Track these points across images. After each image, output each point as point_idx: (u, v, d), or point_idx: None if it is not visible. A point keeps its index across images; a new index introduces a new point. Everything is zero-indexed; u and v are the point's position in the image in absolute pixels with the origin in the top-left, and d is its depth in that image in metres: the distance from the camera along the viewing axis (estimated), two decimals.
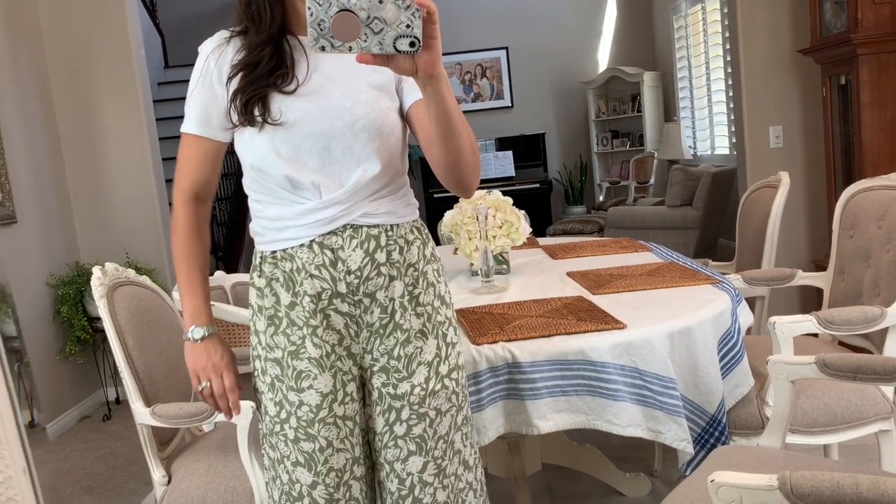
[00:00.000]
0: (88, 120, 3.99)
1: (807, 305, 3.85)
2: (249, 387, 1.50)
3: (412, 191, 1.44)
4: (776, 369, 1.61)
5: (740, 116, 4.05)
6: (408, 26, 1.00)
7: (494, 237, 2.31)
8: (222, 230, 5.77)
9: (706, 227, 5.58)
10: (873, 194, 2.22)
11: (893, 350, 1.94)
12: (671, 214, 5.68)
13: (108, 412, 3.88)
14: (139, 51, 4.03)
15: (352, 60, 1.05)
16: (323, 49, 1.00)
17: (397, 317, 1.35)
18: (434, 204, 7.19)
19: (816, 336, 2.26)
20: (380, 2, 0.98)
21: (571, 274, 2.32)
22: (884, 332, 1.96)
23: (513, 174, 7.31)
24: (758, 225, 2.65)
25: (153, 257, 4.04)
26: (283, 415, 1.36)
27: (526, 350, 1.68)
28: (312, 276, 1.32)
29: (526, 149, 7.64)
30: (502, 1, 7.76)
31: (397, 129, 1.35)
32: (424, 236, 1.42)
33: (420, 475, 1.37)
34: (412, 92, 1.34)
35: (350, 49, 1.01)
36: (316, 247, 1.32)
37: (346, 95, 1.31)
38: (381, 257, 1.34)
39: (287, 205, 1.33)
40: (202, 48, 1.38)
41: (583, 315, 1.84)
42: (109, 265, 1.95)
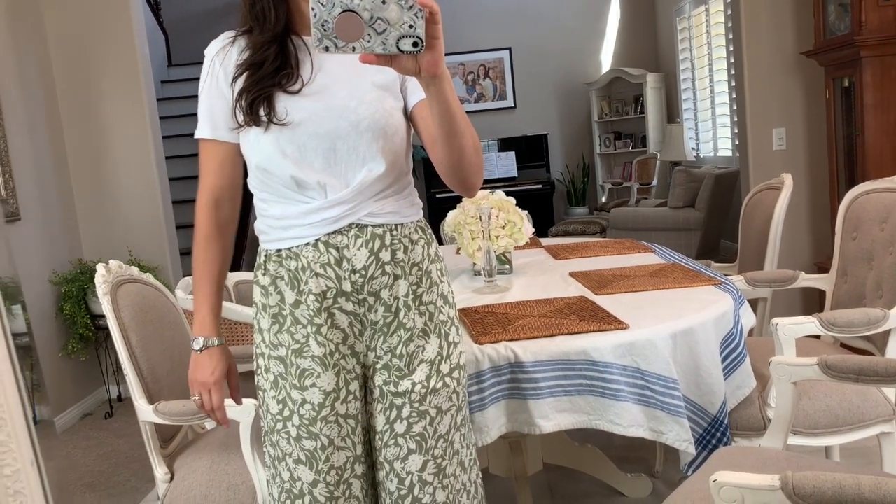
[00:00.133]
0: (92, 118, 4.00)
1: (809, 307, 3.85)
2: (250, 385, 1.50)
3: (416, 190, 1.44)
4: (778, 370, 1.61)
5: (743, 118, 4.05)
6: (410, 26, 1.01)
7: (497, 237, 2.31)
8: None
9: (708, 229, 5.58)
10: (876, 196, 2.22)
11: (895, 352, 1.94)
12: (673, 216, 5.68)
13: (110, 410, 3.89)
14: (143, 49, 4.04)
15: (356, 60, 1.05)
16: (327, 49, 1.01)
17: (401, 315, 1.36)
18: (437, 204, 7.19)
19: (818, 338, 2.26)
20: (383, 2, 0.99)
21: (574, 274, 2.33)
22: (886, 335, 1.96)
23: (515, 175, 7.31)
24: (760, 227, 2.65)
25: (156, 256, 4.05)
26: (286, 412, 1.36)
27: (528, 350, 1.68)
28: (317, 275, 1.33)
29: (528, 149, 7.64)
30: (506, 1, 7.76)
31: (402, 129, 1.36)
32: (428, 236, 1.43)
33: (420, 474, 1.37)
34: (416, 92, 1.34)
35: (353, 49, 1.01)
36: (321, 246, 1.32)
37: (351, 95, 1.31)
38: (386, 256, 1.34)
39: (292, 204, 1.33)
40: (207, 50, 1.38)
41: (585, 315, 1.84)
42: (113, 263, 1.96)
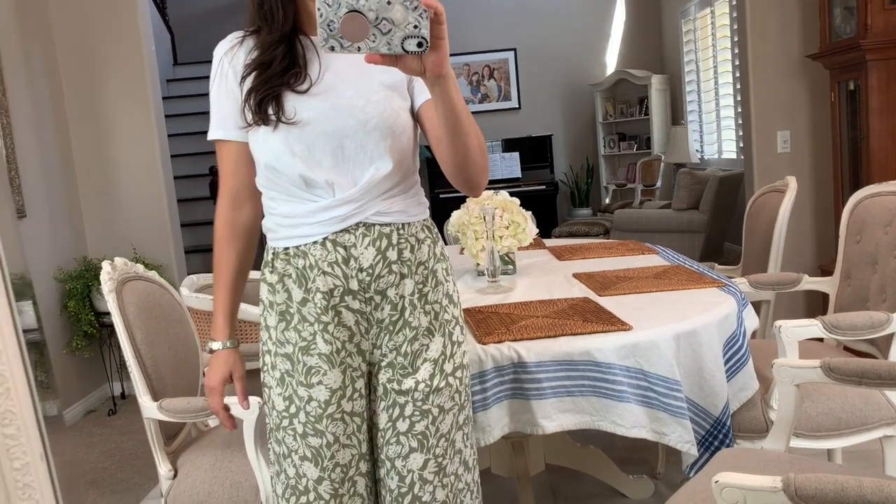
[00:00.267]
0: (98, 116, 4.01)
1: (812, 310, 3.85)
2: (257, 382, 1.51)
3: (423, 189, 1.45)
4: (781, 373, 1.61)
5: (748, 120, 4.05)
6: (415, 27, 1.01)
7: (501, 237, 2.32)
8: None
9: (712, 231, 5.58)
10: (881, 200, 2.22)
11: None
12: (677, 218, 5.67)
13: (114, 407, 3.90)
14: (149, 47, 4.05)
15: (364, 60, 1.06)
16: (332, 49, 1.02)
17: (406, 314, 1.36)
18: (441, 204, 7.19)
19: (822, 341, 2.27)
20: (388, 3, 1.00)
21: (578, 275, 2.33)
22: (889, 338, 1.96)
23: (519, 175, 7.31)
24: (764, 229, 2.65)
25: (161, 254, 4.06)
26: (293, 409, 1.36)
27: (532, 350, 1.69)
28: (325, 273, 1.34)
29: (533, 150, 7.64)
30: (511, 2, 7.77)
31: (409, 129, 1.37)
32: (434, 235, 1.43)
33: (420, 472, 1.38)
34: (423, 91, 1.35)
35: (359, 49, 1.02)
36: (329, 244, 1.33)
37: (359, 94, 1.32)
38: (393, 255, 1.35)
39: (300, 202, 1.34)
40: (216, 51, 1.39)
41: (589, 316, 1.85)
42: (119, 260, 1.97)
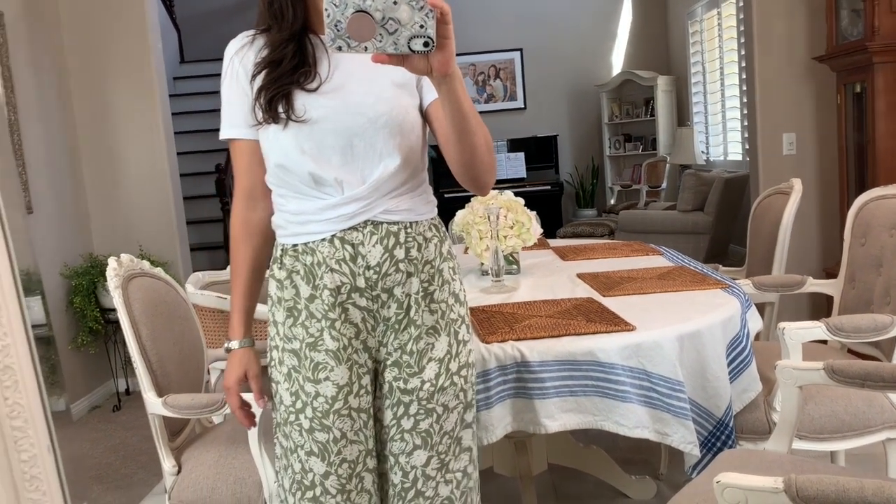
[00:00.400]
0: (105, 113, 4.03)
1: (817, 313, 3.84)
2: (264, 378, 1.52)
3: (430, 188, 1.46)
4: (784, 374, 1.61)
5: (754, 122, 4.05)
6: (421, 27, 1.02)
7: (505, 237, 2.32)
8: None
9: (717, 233, 5.57)
10: (886, 203, 2.22)
11: None
12: (682, 219, 5.67)
13: (119, 403, 3.91)
14: (156, 45, 4.06)
15: (371, 59, 1.07)
16: (340, 49, 1.03)
17: (412, 312, 1.37)
18: (446, 203, 7.19)
19: (825, 343, 2.26)
20: (394, 3, 1.01)
21: (582, 276, 2.33)
22: (893, 341, 1.96)
23: (524, 175, 7.30)
24: (769, 231, 2.65)
25: (166, 251, 4.08)
26: (299, 405, 1.37)
27: (535, 349, 1.69)
28: (332, 271, 1.34)
29: (538, 151, 7.64)
30: (517, 3, 7.76)
31: (418, 127, 1.37)
32: (442, 234, 1.44)
33: (423, 469, 1.39)
34: (431, 90, 1.36)
35: (366, 49, 1.03)
36: (337, 241, 1.34)
37: (369, 92, 1.33)
38: (400, 254, 1.35)
39: (309, 200, 1.35)
40: (227, 50, 1.40)
41: (592, 316, 1.85)
42: (125, 256, 1.98)
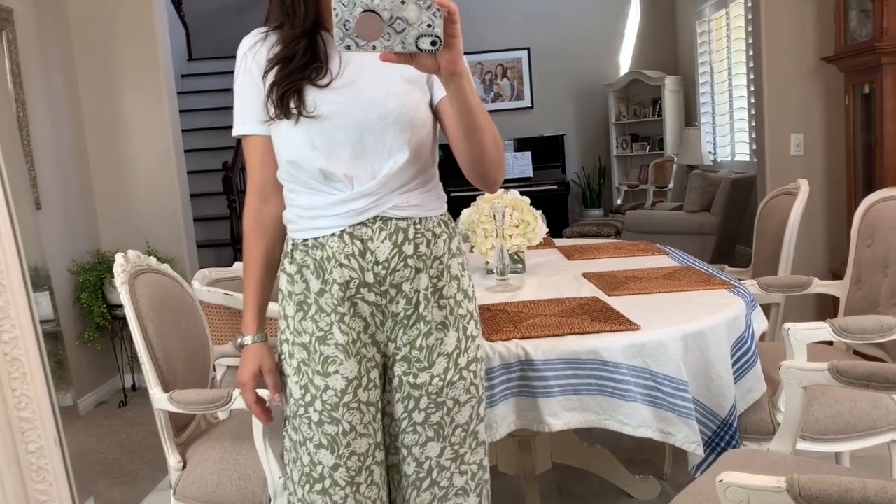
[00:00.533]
0: (112, 110, 4.05)
1: (823, 314, 3.83)
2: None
3: (441, 184, 1.46)
4: (789, 375, 1.61)
5: (761, 123, 4.04)
6: (429, 26, 1.03)
7: (511, 236, 2.33)
8: (241, 223, 5.82)
9: (724, 234, 5.56)
10: (893, 204, 2.21)
11: None
12: (689, 220, 5.66)
13: (125, 398, 3.93)
14: (164, 42, 4.08)
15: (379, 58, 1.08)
16: (348, 48, 1.04)
17: (421, 308, 1.38)
18: (451, 202, 7.11)
19: (831, 344, 2.26)
20: (402, 2, 1.01)
21: (587, 275, 2.33)
22: None
23: (531, 175, 7.30)
24: (775, 232, 2.64)
25: (173, 248, 4.09)
26: (308, 398, 1.39)
27: (539, 348, 1.69)
28: (342, 265, 1.36)
29: (545, 150, 7.63)
30: (525, 2, 7.76)
31: (428, 123, 1.38)
32: (451, 230, 1.45)
33: (437, 459, 1.40)
34: (441, 87, 1.36)
35: (374, 48, 1.04)
36: (346, 237, 1.35)
37: (379, 87, 1.34)
38: (409, 250, 1.36)
39: (320, 195, 1.36)
40: (240, 46, 1.41)
41: (597, 315, 1.85)
42: (132, 252, 1.99)
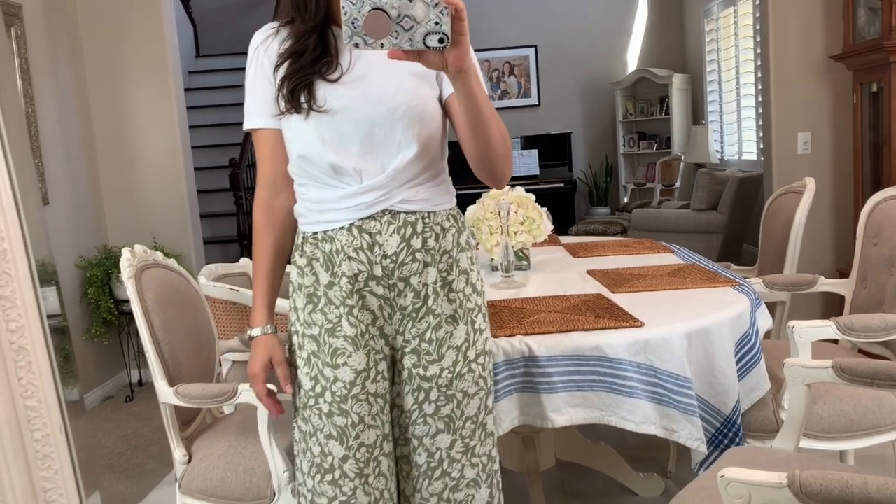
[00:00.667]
0: (120, 106, 4.06)
1: (829, 313, 3.80)
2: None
3: (450, 179, 1.47)
4: (792, 372, 1.61)
5: (768, 121, 4.03)
6: (437, 23, 1.04)
7: (516, 233, 2.33)
8: (248, 219, 5.84)
9: (731, 232, 5.55)
10: None
11: None
12: (696, 218, 5.65)
13: (131, 393, 3.95)
14: (172, 39, 4.09)
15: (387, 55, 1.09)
16: (357, 46, 1.05)
17: (430, 302, 1.40)
18: (459, 199, 7.18)
19: (836, 343, 2.26)
20: (409, 1, 1.02)
21: (592, 272, 2.34)
22: None
23: (537, 173, 7.29)
24: (781, 230, 2.64)
25: (180, 244, 4.11)
26: (318, 389, 1.40)
27: (543, 344, 1.70)
28: (350, 258, 1.37)
29: (552, 148, 7.62)
30: None
31: (437, 117, 1.39)
32: (460, 224, 1.46)
33: (448, 451, 1.42)
34: (449, 83, 1.37)
35: (382, 46, 1.05)
36: (355, 230, 1.37)
37: (388, 82, 1.35)
38: (417, 243, 1.38)
39: (329, 189, 1.38)
40: (252, 41, 1.43)
41: (601, 312, 1.85)
42: (138, 247, 1.99)
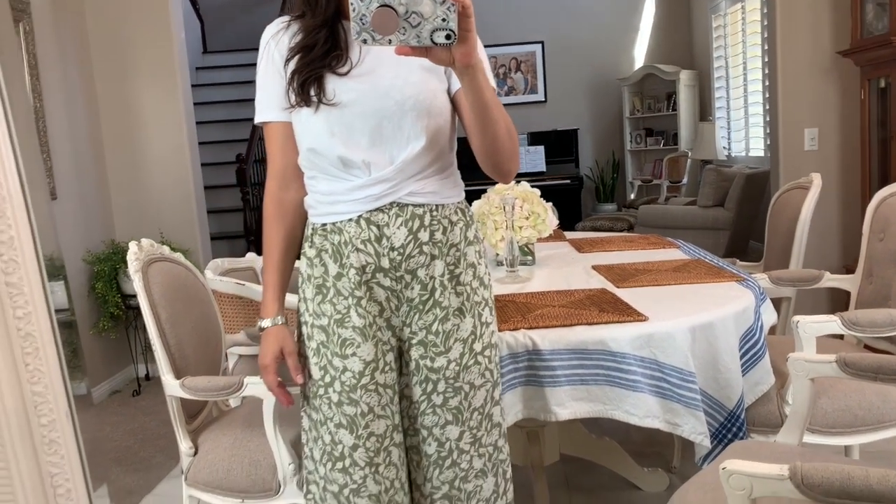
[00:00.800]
0: (128, 102, 4.08)
1: (835, 309, 3.79)
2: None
3: (459, 172, 1.48)
4: (796, 366, 1.61)
5: (775, 117, 4.01)
6: (443, 20, 1.06)
7: (521, 228, 2.33)
8: (255, 214, 5.86)
9: (737, 229, 5.53)
10: None
11: None
12: (702, 215, 5.63)
13: (138, 388, 3.97)
14: (179, 35, 4.10)
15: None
16: (365, 42, 1.07)
17: (437, 294, 1.41)
18: (465, 195, 7.18)
19: (842, 338, 2.25)
20: None
21: (597, 267, 2.34)
22: None
23: (544, 169, 7.28)
24: (787, 226, 2.63)
25: (187, 239, 4.13)
26: (328, 379, 1.42)
27: (547, 338, 1.70)
28: (358, 250, 1.39)
29: (558, 144, 7.61)
30: None
31: (446, 111, 1.40)
32: (468, 218, 1.47)
33: (457, 442, 1.44)
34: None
35: (390, 42, 1.08)
36: (363, 222, 1.38)
37: (398, 75, 1.36)
38: (424, 236, 1.39)
39: (338, 181, 1.39)
40: (263, 35, 1.44)
41: (605, 306, 1.86)
42: (145, 241, 2.01)
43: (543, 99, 7.91)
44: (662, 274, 2.17)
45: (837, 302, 3.78)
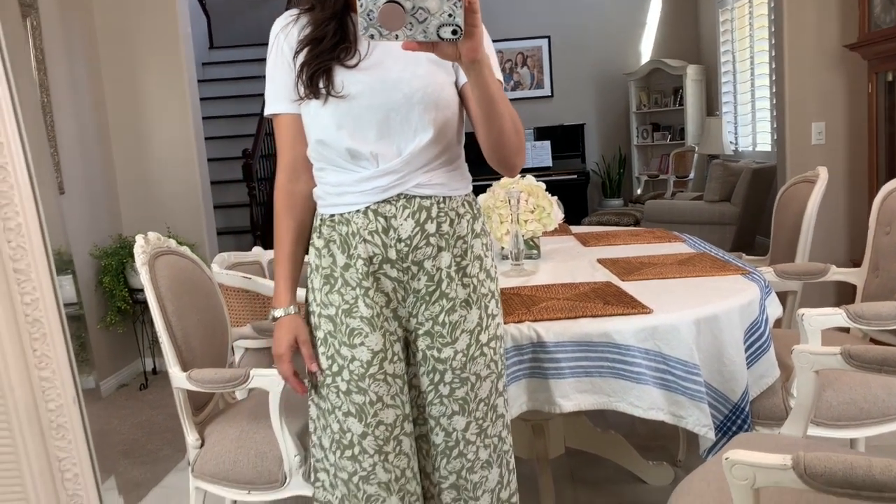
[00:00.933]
0: (134, 98, 4.09)
1: (842, 303, 3.79)
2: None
3: (466, 165, 1.49)
4: (801, 359, 1.61)
5: (782, 111, 4.00)
6: (450, 15, 1.07)
7: (526, 221, 2.33)
8: (261, 210, 5.88)
9: (744, 224, 5.52)
10: None
11: None
12: (709, 210, 5.62)
13: (145, 381, 4.00)
14: (186, 31, 4.11)
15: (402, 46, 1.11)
16: (372, 37, 1.08)
17: (444, 286, 1.42)
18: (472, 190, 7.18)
19: (848, 332, 2.25)
20: None
21: (602, 261, 2.34)
22: None
23: (550, 164, 7.28)
24: (794, 220, 2.63)
25: (193, 233, 4.14)
26: (335, 368, 1.43)
27: (551, 330, 1.71)
28: (365, 241, 1.40)
29: (565, 139, 7.60)
30: None
31: (453, 103, 1.41)
32: (475, 211, 1.48)
33: (464, 433, 1.45)
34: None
35: (397, 37, 1.08)
36: (370, 213, 1.39)
37: (405, 68, 1.37)
38: (431, 228, 1.40)
39: (346, 172, 1.40)
40: (273, 28, 1.45)
41: (610, 299, 1.86)
42: (152, 234, 2.02)
43: (550, 94, 7.90)
44: (667, 267, 2.17)
45: (844, 295, 3.77)
